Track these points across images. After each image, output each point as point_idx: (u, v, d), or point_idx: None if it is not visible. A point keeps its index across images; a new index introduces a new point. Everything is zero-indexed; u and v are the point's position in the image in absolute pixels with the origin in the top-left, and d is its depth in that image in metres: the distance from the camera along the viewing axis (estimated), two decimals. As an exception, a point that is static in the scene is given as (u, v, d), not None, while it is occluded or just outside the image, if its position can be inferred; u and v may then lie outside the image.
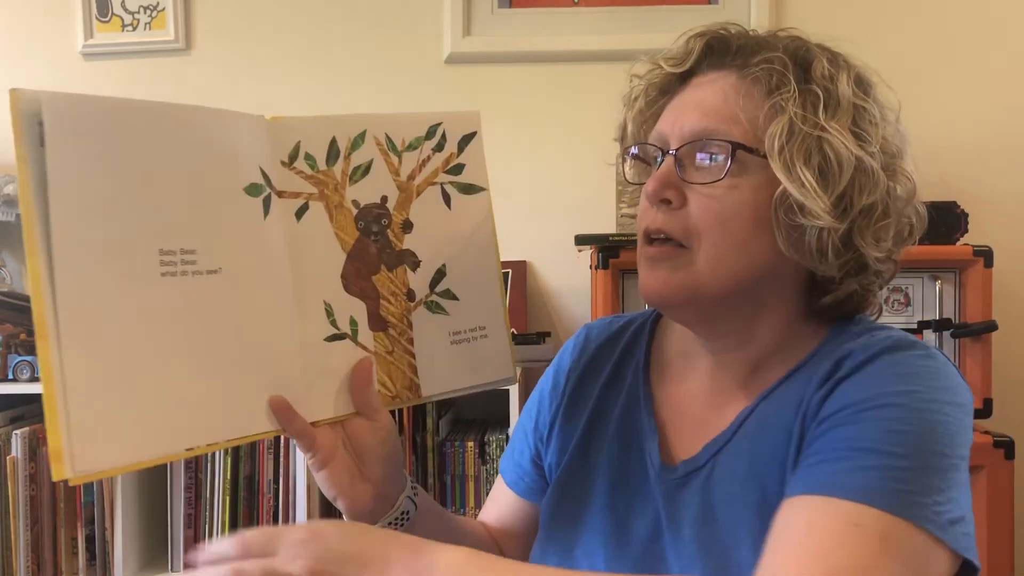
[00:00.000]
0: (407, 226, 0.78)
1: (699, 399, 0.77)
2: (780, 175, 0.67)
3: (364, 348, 0.75)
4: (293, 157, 0.73)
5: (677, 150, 0.71)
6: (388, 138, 0.77)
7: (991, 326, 1.44)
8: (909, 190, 0.71)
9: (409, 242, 0.78)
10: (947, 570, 0.60)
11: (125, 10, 1.87)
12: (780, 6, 1.79)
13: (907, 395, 0.63)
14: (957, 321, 1.47)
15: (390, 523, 0.77)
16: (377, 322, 0.76)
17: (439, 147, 0.79)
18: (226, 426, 0.67)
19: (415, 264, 0.78)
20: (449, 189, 0.80)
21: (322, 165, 0.74)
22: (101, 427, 0.60)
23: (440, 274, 0.79)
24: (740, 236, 0.69)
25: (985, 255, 1.45)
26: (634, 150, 0.78)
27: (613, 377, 0.83)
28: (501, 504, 0.91)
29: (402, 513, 0.78)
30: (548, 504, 0.81)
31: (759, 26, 1.70)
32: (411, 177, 0.78)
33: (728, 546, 0.68)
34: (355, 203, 0.76)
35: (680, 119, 0.72)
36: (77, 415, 0.58)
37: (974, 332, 1.45)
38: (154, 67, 1.88)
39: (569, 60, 1.82)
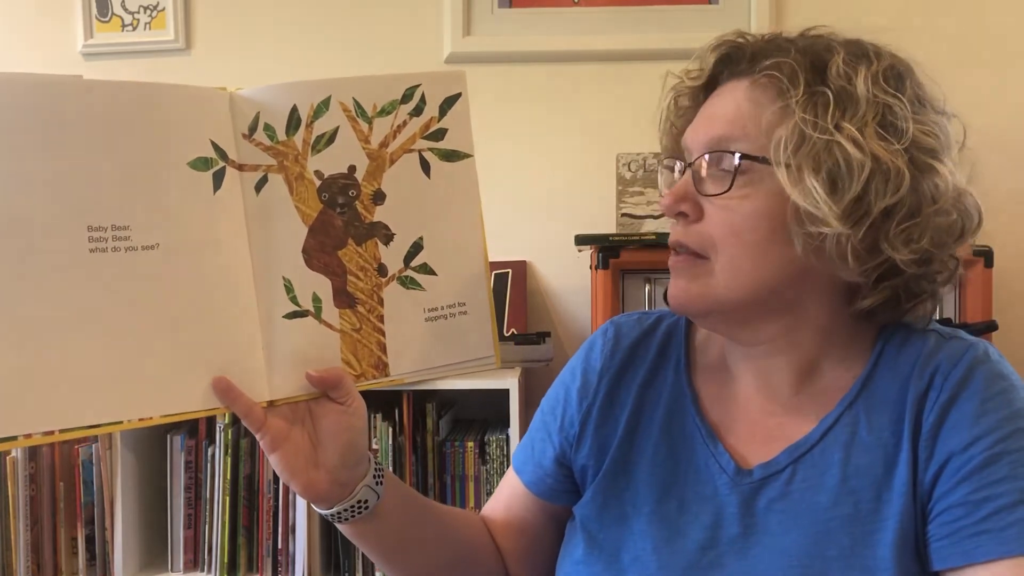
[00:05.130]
0: (378, 197, 0.74)
1: (751, 402, 0.76)
2: (786, 184, 0.66)
3: (328, 326, 0.73)
4: (253, 128, 0.71)
5: (692, 163, 0.72)
6: (357, 103, 0.73)
7: (991, 326, 1.44)
8: (949, 185, 0.68)
9: (381, 214, 0.74)
10: None
11: (125, 10, 1.87)
12: (780, 6, 1.79)
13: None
14: (957, 321, 1.47)
15: (344, 509, 0.74)
16: (343, 298, 0.73)
17: (417, 111, 0.74)
18: (161, 401, 0.67)
19: (387, 237, 0.74)
20: (428, 156, 0.75)
21: (282, 135, 0.71)
22: (9, 393, 0.61)
23: (416, 247, 0.75)
24: (755, 246, 0.68)
25: (985, 255, 1.45)
26: (675, 164, 0.78)
27: (651, 376, 0.81)
28: (513, 502, 0.88)
29: (359, 502, 0.75)
30: (589, 509, 0.79)
31: (759, 27, 1.71)
32: (384, 144, 0.74)
33: (814, 556, 0.67)
34: (318, 174, 0.72)
35: (696, 131, 0.73)
36: None
37: (974, 332, 1.44)
38: (154, 67, 1.88)
39: (569, 60, 1.82)
